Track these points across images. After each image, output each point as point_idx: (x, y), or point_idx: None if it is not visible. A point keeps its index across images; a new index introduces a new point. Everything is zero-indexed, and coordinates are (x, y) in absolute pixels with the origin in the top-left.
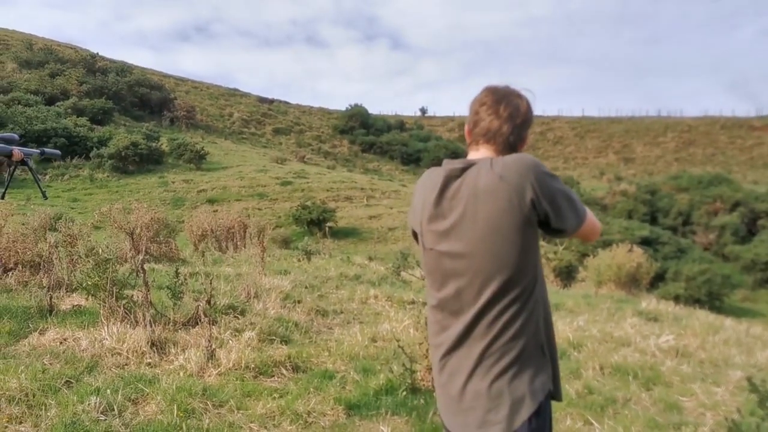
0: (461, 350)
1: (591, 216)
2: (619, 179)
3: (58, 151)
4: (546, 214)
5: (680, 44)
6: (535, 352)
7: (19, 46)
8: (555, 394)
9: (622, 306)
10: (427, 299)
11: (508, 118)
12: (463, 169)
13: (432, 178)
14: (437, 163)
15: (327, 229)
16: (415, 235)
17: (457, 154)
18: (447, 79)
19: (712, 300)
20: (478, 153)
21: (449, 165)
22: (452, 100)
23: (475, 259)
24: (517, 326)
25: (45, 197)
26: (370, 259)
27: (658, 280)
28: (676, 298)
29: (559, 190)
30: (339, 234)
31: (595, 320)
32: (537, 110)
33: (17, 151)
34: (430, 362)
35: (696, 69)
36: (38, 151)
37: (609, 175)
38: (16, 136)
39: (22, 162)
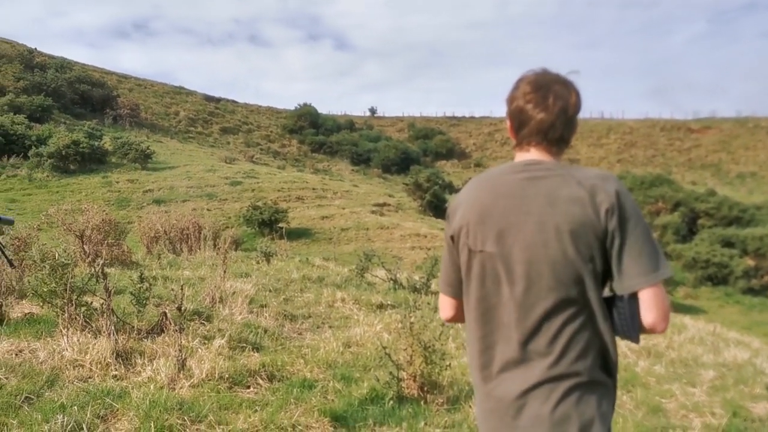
0: (515, 371)
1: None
2: None
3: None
4: (612, 238)
5: (616, 49)
6: (601, 372)
7: None
8: None
9: None
10: (468, 312)
11: (560, 112)
12: (527, 172)
13: (488, 180)
14: (388, 162)
15: (280, 229)
16: (452, 239)
17: (407, 154)
18: (392, 80)
19: None
20: (530, 154)
21: (511, 167)
22: (398, 101)
23: (534, 265)
24: (582, 343)
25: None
26: (326, 260)
27: None
28: None
29: (637, 216)
30: (291, 235)
31: None
32: (485, 111)
33: None
34: (415, 369)
35: (631, 73)
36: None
37: None
38: None
39: None
